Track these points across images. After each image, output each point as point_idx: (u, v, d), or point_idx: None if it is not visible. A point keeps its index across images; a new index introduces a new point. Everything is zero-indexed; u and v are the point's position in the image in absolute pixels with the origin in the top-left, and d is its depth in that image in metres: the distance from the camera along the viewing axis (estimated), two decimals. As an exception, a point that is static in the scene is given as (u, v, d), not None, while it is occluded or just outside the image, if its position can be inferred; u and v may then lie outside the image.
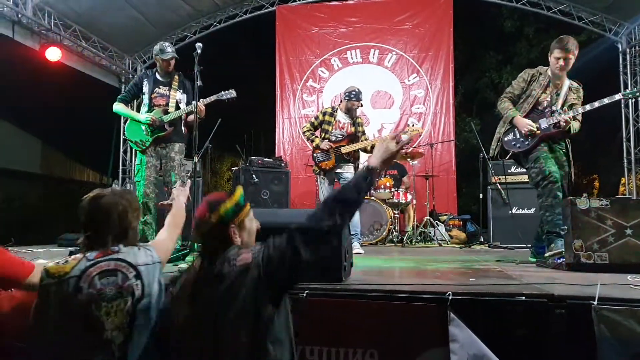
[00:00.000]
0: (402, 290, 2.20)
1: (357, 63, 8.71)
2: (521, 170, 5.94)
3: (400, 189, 6.72)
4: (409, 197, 6.81)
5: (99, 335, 1.66)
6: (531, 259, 3.92)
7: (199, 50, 3.98)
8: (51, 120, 8.80)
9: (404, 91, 8.52)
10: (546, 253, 3.57)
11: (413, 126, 6.72)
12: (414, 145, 8.14)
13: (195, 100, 3.93)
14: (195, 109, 3.92)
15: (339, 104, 5.59)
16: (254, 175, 6.46)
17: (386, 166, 1.76)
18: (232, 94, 4.36)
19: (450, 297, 2.06)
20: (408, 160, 6.98)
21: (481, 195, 6.40)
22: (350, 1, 8.91)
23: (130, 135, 4.43)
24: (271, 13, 8.93)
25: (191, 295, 1.62)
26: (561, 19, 8.17)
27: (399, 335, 2.13)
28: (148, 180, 4.29)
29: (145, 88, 4.41)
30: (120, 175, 9.08)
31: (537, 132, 3.76)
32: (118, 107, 4.51)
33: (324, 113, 5.50)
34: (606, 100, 3.73)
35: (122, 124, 8.99)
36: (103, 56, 8.34)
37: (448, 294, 2.08)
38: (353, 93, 5.35)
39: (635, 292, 2.15)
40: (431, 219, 6.87)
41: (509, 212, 6.14)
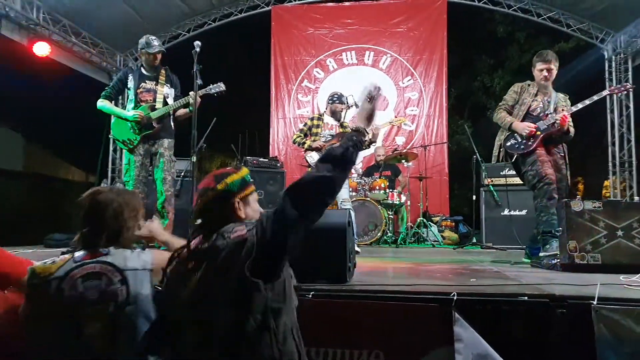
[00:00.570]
0: (407, 291, 2.24)
1: (353, 64, 8.77)
2: (512, 172, 6.03)
3: (395, 190, 6.78)
4: (403, 198, 6.89)
5: (78, 340, 1.61)
6: (525, 260, 4.01)
7: (197, 49, 3.91)
8: (37, 117, 8.62)
9: (398, 93, 8.60)
10: (541, 253, 3.65)
11: (397, 117, 6.81)
12: (408, 147, 8.24)
13: (195, 98, 3.87)
14: (195, 108, 3.85)
15: (325, 110, 5.76)
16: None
17: (369, 123, 1.76)
18: (221, 87, 4.19)
19: (455, 298, 2.11)
20: (402, 161, 7.06)
21: (474, 197, 6.48)
22: (346, 3, 8.96)
23: (116, 134, 4.26)
24: (266, 13, 8.94)
25: (185, 273, 1.58)
26: (551, 25, 8.35)
27: (404, 335, 2.17)
28: (137, 180, 4.13)
29: (131, 83, 4.26)
30: (110, 174, 8.99)
31: (537, 133, 3.89)
32: (102, 104, 4.31)
33: (312, 118, 5.67)
34: (595, 97, 3.91)
35: (112, 119, 8.95)
36: (93, 52, 8.23)
37: (453, 294, 2.13)
38: (335, 96, 5.50)
39: (632, 292, 2.22)
40: (424, 220, 6.95)
41: (503, 214, 6.25)
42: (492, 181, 6.39)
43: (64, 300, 1.63)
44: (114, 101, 4.47)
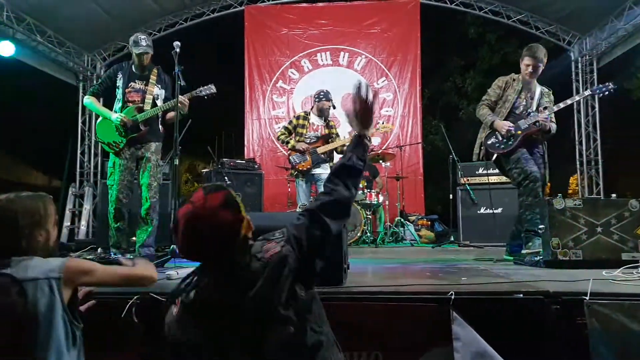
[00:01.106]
0: (405, 292, 2.25)
1: (327, 65, 8.78)
2: (490, 172, 6.18)
3: (373, 190, 6.82)
4: (381, 198, 6.94)
5: None
6: (506, 257, 4.08)
7: (177, 49, 3.82)
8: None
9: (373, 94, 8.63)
10: (523, 251, 3.73)
11: (382, 124, 6.88)
12: (383, 147, 8.31)
13: (176, 100, 3.76)
14: (177, 110, 3.74)
15: (311, 108, 5.76)
16: (226, 178, 6.37)
17: (368, 125, 1.77)
18: (212, 89, 4.08)
19: (453, 297, 2.13)
20: (380, 161, 7.12)
21: (451, 196, 6.59)
22: (320, 3, 8.96)
23: (101, 135, 4.06)
24: (239, 13, 8.86)
25: (220, 307, 1.47)
26: (520, 27, 8.60)
27: (403, 335, 2.18)
28: (122, 184, 3.95)
29: (120, 81, 4.03)
30: (78, 178, 8.71)
31: (518, 133, 3.93)
32: (88, 101, 4.11)
33: (298, 117, 5.65)
34: (577, 97, 4.03)
35: (81, 123, 8.70)
36: (59, 52, 7.95)
37: (450, 293, 2.15)
38: (322, 94, 5.53)
39: (622, 287, 2.30)
40: (402, 219, 7.02)
41: (479, 212, 6.38)
42: (468, 180, 6.51)
43: None
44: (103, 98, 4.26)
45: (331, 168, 5.50)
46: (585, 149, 8.39)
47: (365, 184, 6.88)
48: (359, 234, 6.49)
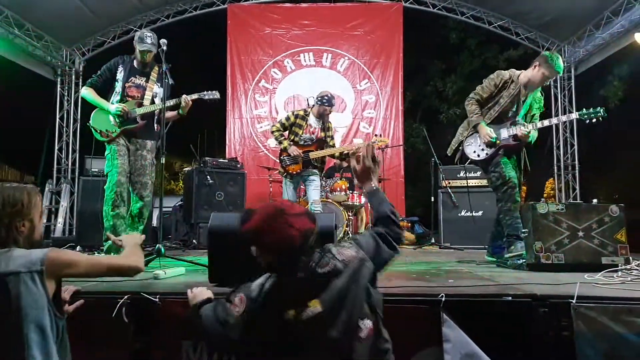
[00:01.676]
0: (396, 293, 2.26)
1: (310, 66, 8.77)
2: (471, 175, 6.26)
3: (356, 192, 6.84)
4: (363, 200, 6.96)
5: None
6: (488, 258, 4.13)
7: (164, 47, 3.80)
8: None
9: (355, 96, 8.69)
10: (506, 254, 3.78)
11: (380, 137, 6.82)
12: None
13: (164, 99, 3.73)
14: (163, 110, 3.72)
15: (311, 108, 5.59)
16: (208, 177, 6.31)
17: (363, 182, 1.98)
18: (216, 94, 4.15)
19: (444, 299, 2.15)
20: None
21: (432, 198, 6.65)
22: (303, 4, 8.94)
23: (95, 123, 4.00)
24: (222, 11, 8.78)
25: (296, 302, 1.56)
26: (501, 33, 8.75)
27: (393, 337, 2.17)
28: (121, 168, 3.90)
29: (120, 75, 4.02)
30: (55, 175, 8.51)
31: (497, 143, 3.94)
32: (86, 93, 4.06)
33: (296, 115, 5.48)
34: (563, 118, 4.05)
35: (58, 119, 8.49)
36: (37, 46, 7.74)
37: (441, 295, 2.16)
38: (325, 98, 5.38)
39: (607, 291, 2.35)
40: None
41: (460, 215, 6.45)
42: (450, 183, 6.58)
43: None
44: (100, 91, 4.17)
45: (321, 178, 5.67)
46: (562, 153, 8.58)
47: (348, 185, 6.89)
48: (341, 235, 6.49)
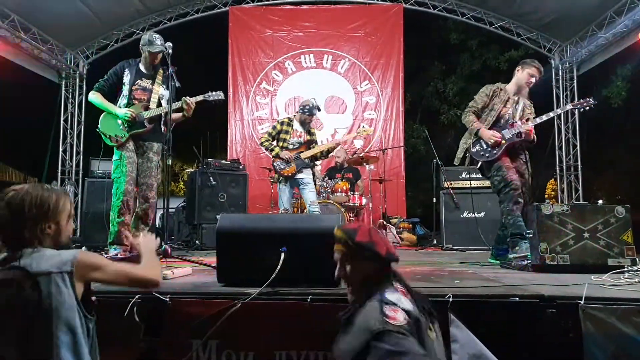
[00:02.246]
0: (403, 294, 2.24)
1: (311, 68, 8.78)
2: (473, 176, 6.26)
3: (357, 193, 6.84)
4: (364, 201, 6.96)
5: None
6: (492, 261, 4.13)
7: (169, 50, 3.85)
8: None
9: (356, 97, 8.70)
10: (510, 255, 3.78)
11: (363, 127, 6.90)
12: (366, 150, 8.35)
13: (170, 101, 3.74)
14: (170, 112, 3.73)
15: (294, 115, 5.83)
16: (211, 178, 6.33)
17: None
18: (220, 95, 4.15)
19: (451, 300, 2.14)
20: (364, 164, 7.15)
21: (434, 199, 6.64)
22: (304, 6, 8.95)
23: (104, 128, 4.02)
24: (224, 13, 8.79)
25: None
26: (502, 34, 8.75)
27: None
28: (129, 176, 3.91)
29: (126, 78, 4.03)
30: (59, 176, 8.52)
31: (502, 142, 4.01)
32: (93, 97, 4.06)
33: (282, 123, 5.71)
34: (559, 111, 4.10)
35: (63, 121, 8.50)
36: (43, 49, 7.79)
37: (448, 296, 2.16)
38: (307, 107, 5.58)
39: (615, 292, 2.34)
40: (384, 222, 7.05)
41: (462, 216, 6.44)
42: (452, 184, 6.57)
43: None
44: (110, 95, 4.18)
45: (314, 174, 5.73)
46: (564, 154, 8.57)
47: (349, 186, 6.89)
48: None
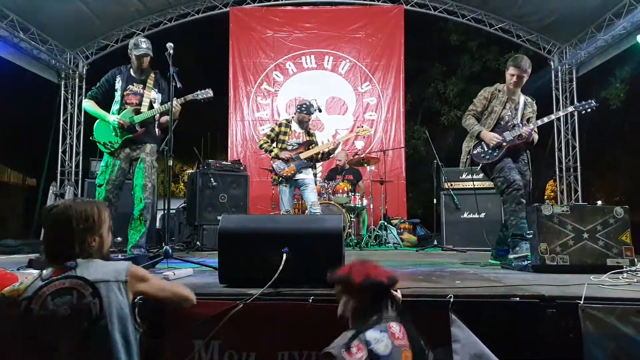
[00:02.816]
0: (403, 294, 2.26)
1: (312, 69, 8.81)
2: (474, 177, 6.28)
3: (357, 194, 6.87)
4: (365, 202, 6.99)
5: (49, 358, 1.58)
6: (492, 261, 4.16)
7: (171, 51, 3.84)
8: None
9: (357, 98, 8.73)
10: (511, 255, 3.80)
11: (363, 127, 6.94)
12: (367, 151, 8.37)
13: (171, 102, 3.76)
14: (171, 111, 3.75)
15: (293, 116, 5.85)
16: (212, 179, 6.35)
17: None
18: (209, 93, 4.19)
19: (452, 300, 2.16)
20: (365, 165, 7.18)
21: (435, 200, 6.66)
22: (305, 7, 8.98)
23: (98, 136, 4.11)
24: (224, 14, 8.82)
25: None
26: (502, 35, 8.79)
27: (402, 337, 2.19)
28: (112, 184, 3.99)
29: (118, 85, 4.13)
30: (59, 177, 8.54)
31: (504, 144, 4.04)
32: (87, 105, 4.18)
33: (280, 124, 5.73)
34: (561, 113, 4.12)
35: (62, 122, 8.52)
36: (42, 49, 7.82)
37: (449, 296, 2.18)
38: (304, 106, 5.61)
39: (614, 292, 2.36)
40: (385, 223, 7.07)
41: (462, 217, 6.46)
42: (452, 185, 6.59)
43: (33, 320, 1.58)
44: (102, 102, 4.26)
45: (314, 174, 5.74)
46: (564, 155, 8.60)
47: (350, 187, 6.92)
48: (343, 236, 6.50)
